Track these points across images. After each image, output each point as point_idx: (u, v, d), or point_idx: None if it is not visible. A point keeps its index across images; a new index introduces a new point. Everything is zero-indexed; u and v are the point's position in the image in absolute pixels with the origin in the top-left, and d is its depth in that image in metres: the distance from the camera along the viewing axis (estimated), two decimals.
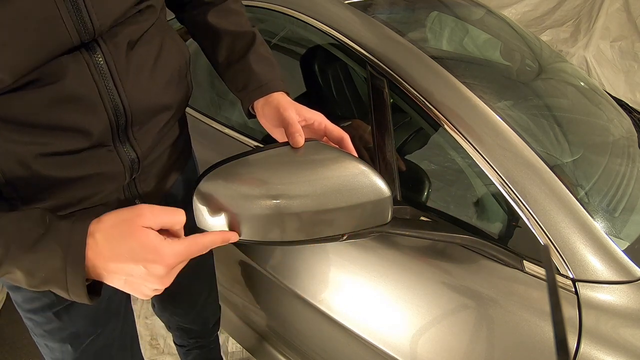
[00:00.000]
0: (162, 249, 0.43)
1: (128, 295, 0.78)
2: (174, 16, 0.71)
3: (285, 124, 0.56)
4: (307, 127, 0.60)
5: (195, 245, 0.45)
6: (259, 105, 0.62)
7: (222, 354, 1.25)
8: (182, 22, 0.72)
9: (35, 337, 0.69)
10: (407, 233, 0.64)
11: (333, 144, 0.59)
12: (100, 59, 0.48)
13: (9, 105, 0.45)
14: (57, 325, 0.65)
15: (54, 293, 0.62)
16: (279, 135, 0.61)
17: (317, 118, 0.59)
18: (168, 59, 0.58)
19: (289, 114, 0.57)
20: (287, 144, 0.53)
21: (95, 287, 0.45)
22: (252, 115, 0.66)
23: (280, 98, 0.61)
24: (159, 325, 1.60)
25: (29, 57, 0.43)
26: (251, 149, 0.84)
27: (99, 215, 0.44)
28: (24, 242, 0.42)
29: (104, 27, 0.47)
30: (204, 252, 0.47)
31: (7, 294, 1.62)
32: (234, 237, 0.49)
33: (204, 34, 0.68)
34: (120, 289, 0.45)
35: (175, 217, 0.46)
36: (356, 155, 0.55)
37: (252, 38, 0.66)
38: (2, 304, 1.63)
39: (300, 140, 0.52)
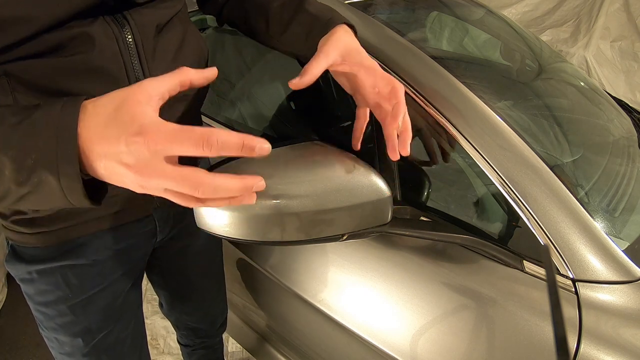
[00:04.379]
0: (150, 121, 0.35)
1: (140, 293, 0.78)
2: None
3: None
4: (353, 75, 0.55)
5: (193, 132, 0.34)
6: (321, 44, 0.56)
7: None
8: (230, 21, 0.69)
9: (44, 330, 0.69)
10: (407, 233, 0.64)
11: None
12: (130, 37, 0.48)
13: (33, 70, 0.44)
14: (69, 319, 0.65)
15: (67, 286, 0.61)
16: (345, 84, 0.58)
17: (364, 74, 0.54)
18: (189, 49, 0.58)
19: (320, 53, 0.52)
20: (288, 144, 0.53)
21: (96, 193, 0.40)
22: None
23: (338, 36, 0.56)
24: (159, 325, 1.60)
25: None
26: None
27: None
28: (11, 121, 0.37)
29: None
30: (203, 152, 0.35)
31: (7, 294, 1.63)
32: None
33: (252, 16, 0.64)
34: (100, 178, 0.38)
35: (177, 76, 0.38)
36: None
37: None
38: (2, 304, 1.62)
39: (296, 84, 0.51)
